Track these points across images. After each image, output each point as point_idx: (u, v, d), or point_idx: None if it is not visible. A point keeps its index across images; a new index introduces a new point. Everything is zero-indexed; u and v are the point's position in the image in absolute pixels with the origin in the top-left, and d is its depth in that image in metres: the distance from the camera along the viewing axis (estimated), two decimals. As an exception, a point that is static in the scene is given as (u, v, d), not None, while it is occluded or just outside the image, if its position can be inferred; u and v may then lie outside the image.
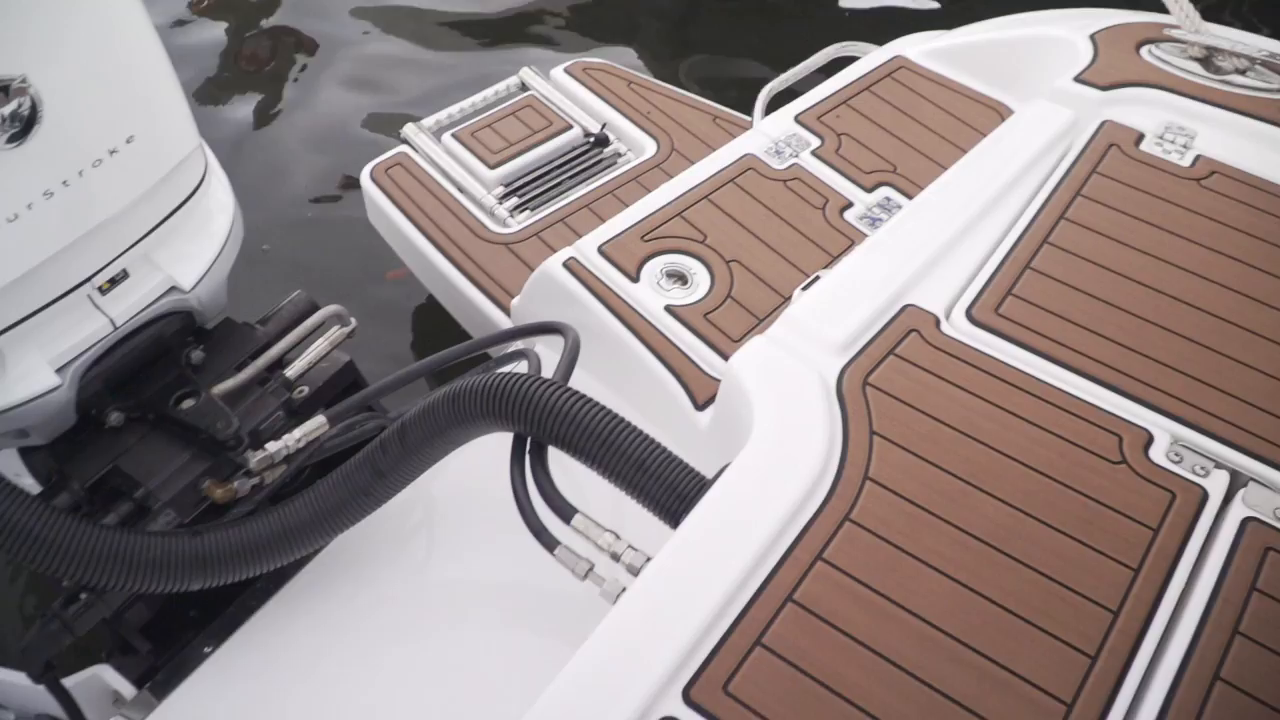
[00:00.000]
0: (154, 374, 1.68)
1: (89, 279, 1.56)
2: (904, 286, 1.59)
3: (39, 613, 1.57)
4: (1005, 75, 2.27)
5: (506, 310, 2.15)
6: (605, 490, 1.47)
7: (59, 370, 1.54)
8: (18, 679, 1.71)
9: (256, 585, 1.74)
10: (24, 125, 1.37)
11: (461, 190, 2.46)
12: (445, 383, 1.68)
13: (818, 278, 1.68)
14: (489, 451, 1.70)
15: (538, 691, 1.55)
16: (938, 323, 1.55)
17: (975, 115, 2.20)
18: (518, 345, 1.98)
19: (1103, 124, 1.92)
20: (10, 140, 1.36)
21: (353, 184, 3.44)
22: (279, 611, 1.72)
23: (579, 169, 2.51)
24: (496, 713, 1.53)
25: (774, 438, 1.39)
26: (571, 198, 2.39)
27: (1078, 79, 2.03)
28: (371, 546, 1.79)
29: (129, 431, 1.66)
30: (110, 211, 1.54)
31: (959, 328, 1.55)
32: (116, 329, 1.60)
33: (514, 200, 2.43)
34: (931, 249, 1.64)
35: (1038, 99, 2.01)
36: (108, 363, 1.61)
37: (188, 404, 1.64)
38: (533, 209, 2.40)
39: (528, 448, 1.49)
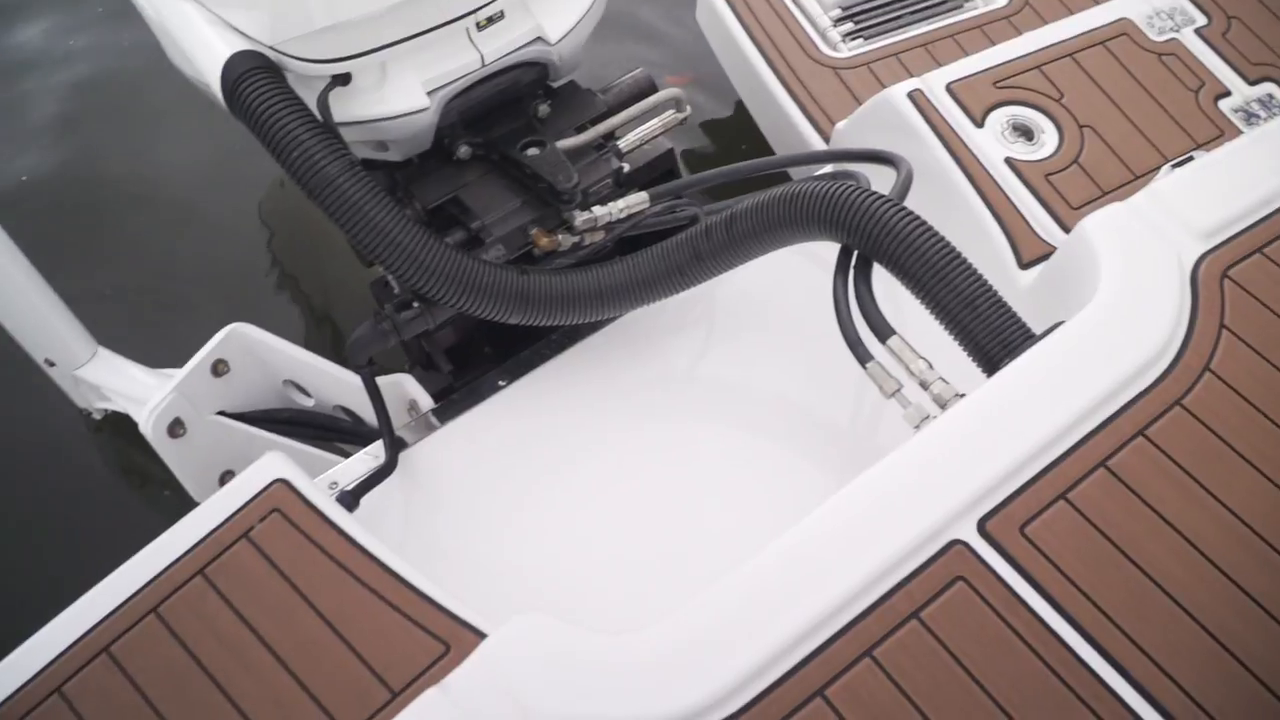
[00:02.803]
0: (504, 118, 1.76)
1: (471, 12, 1.62)
2: None
3: (373, 313, 1.71)
4: None
5: (823, 133, 2.13)
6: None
7: (429, 94, 1.63)
8: (331, 369, 1.89)
9: (551, 337, 1.85)
10: None
11: (798, 4, 2.41)
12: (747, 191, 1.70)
13: (1192, 157, 1.58)
14: (775, 268, 1.73)
15: (789, 503, 1.61)
16: None
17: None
18: (830, 168, 1.97)
19: None
20: None
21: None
22: (566, 365, 1.83)
23: (922, 6, 2.41)
24: (749, 514, 1.61)
25: (1117, 307, 1.36)
26: (909, 34, 2.30)
27: None
28: (655, 330, 1.86)
29: (471, 168, 1.75)
30: None
31: None
32: (484, 65, 1.67)
33: (849, 25, 2.36)
34: None
35: None
36: (469, 97, 1.69)
37: (532, 152, 1.71)
38: (866, 38, 2.33)
39: (853, 262, 1.50)
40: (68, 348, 2.17)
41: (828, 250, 1.57)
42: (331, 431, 1.99)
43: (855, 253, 1.50)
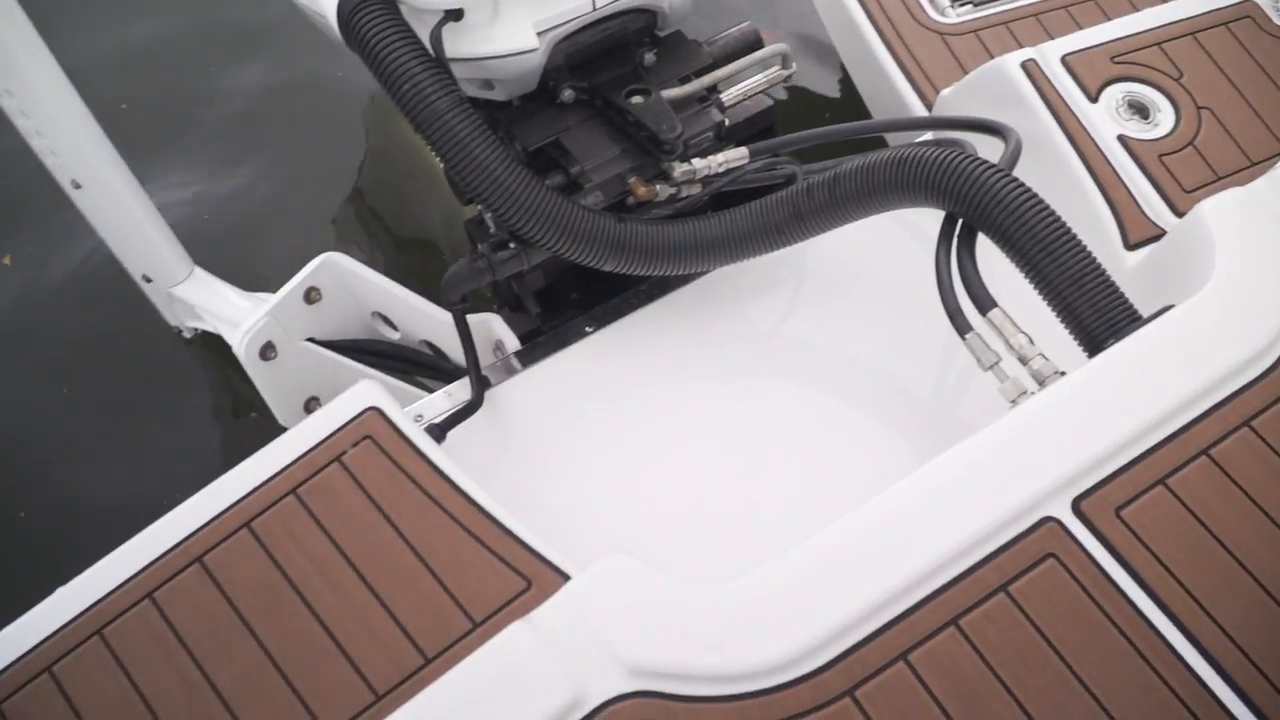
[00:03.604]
0: (610, 64, 1.75)
1: None
2: None
3: (469, 251, 1.72)
4: None
5: (925, 100, 2.10)
6: None
7: (539, 35, 1.63)
8: (420, 304, 1.92)
9: (640, 288, 1.85)
10: None
11: (907, -33, 2.36)
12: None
13: (1316, 146, 1.54)
14: (868, 233, 1.71)
15: (868, 470, 1.61)
16: None
17: None
18: (930, 135, 1.93)
19: None
20: None
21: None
22: (653, 316, 1.83)
23: (1036, -26, 2.35)
24: (828, 476, 1.61)
25: (1230, 294, 1.33)
26: (1020, 2, 2.24)
27: None
28: (744, 288, 1.86)
29: (573, 112, 1.75)
30: None
31: None
32: (595, 9, 1.66)
33: (959, -11, 2.32)
34: None
35: None
36: (576, 40, 1.69)
37: (636, 100, 1.70)
38: (975, 4, 2.28)
39: (957, 231, 1.48)
40: (166, 265, 2.22)
41: (922, 218, 1.55)
42: (415, 366, 2.02)
43: (960, 221, 1.48)
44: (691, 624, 1.13)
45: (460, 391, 1.72)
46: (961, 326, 1.43)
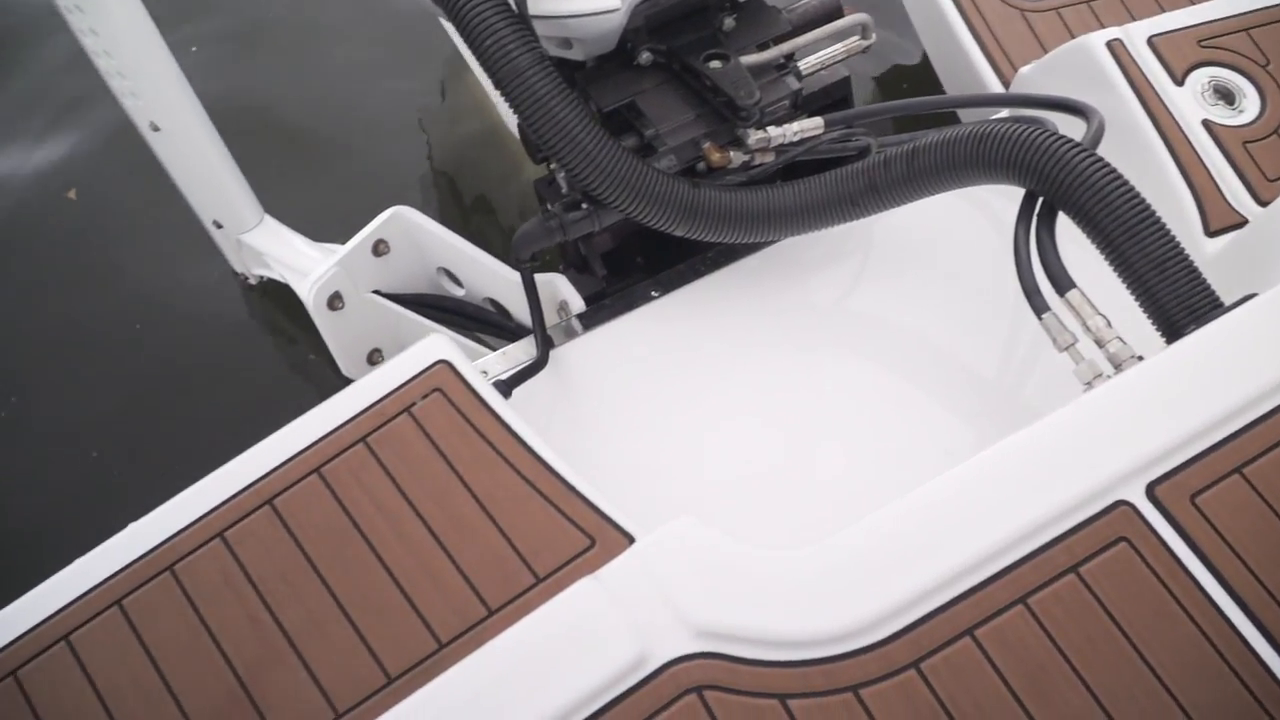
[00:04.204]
0: (688, 28, 1.73)
1: None
2: None
3: (540, 211, 1.73)
4: None
5: (1002, 77, 2.07)
6: None
7: None
8: (488, 261, 1.93)
9: (707, 255, 1.85)
10: None
11: (988, -58, 2.32)
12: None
13: None
14: (937, 210, 1.69)
15: (928, 447, 1.60)
16: None
17: None
18: (1006, 112, 1.91)
19: None
20: None
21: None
22: (718, 284, 1.83)
23: (1120, -46, 2.31)
24: (888, 451, 1.61)
25: None
26: (1103, -19, 2.21)
27: None
28: (810, 259, 1.85)
29: (649, 75, 1.74)
30: None
31: None
32: None
33: (1041, -33, 2.28)
34: None
35: None
36: (657, 2, 1.67)
37: (714, 65, 1.69)
38: (1057, -18, 2.25)
39: (1037, 210, 1.47)
40: (237, 212, 2.24)
41: (991, 195, 1.53)
42: (478, 323, 2.04)
43: (1040, 200, 1.47)
44: (759, 589, 1.13)
45: (518, 352, 1.73)
46: (1039, 306, 1.41)
